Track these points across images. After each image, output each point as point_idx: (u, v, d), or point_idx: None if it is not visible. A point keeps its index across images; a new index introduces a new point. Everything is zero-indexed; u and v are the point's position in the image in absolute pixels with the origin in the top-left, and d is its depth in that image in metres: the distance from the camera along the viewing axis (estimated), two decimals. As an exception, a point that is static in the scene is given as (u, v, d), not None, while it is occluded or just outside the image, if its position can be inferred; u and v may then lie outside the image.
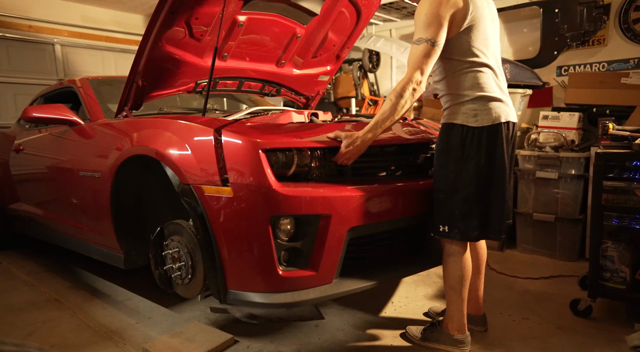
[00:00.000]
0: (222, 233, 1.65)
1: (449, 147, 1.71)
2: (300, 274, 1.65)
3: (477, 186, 1.69)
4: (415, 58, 1.60)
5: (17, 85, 5.53)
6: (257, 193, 1.58)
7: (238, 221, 1.62)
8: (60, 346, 2.02)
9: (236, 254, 1.65)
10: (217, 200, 1.64)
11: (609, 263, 2.14)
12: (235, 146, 1.63)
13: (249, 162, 1.60)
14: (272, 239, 1.59)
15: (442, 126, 1.76)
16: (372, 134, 1.68)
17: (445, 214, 1.75)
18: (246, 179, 1.59)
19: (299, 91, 3.08)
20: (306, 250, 1.66)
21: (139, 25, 6.67)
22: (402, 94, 1.59)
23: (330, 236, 1.64)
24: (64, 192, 2.64)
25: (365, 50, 6.35)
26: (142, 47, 2.12)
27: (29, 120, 2.53)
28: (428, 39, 1.58)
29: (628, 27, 3.57)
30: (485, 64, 1.70)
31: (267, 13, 2.40)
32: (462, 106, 1.69)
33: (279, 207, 1.58)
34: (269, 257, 1.61)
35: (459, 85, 1.69)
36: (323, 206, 1.63)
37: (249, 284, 1.67)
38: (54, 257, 3.43)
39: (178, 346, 1.87)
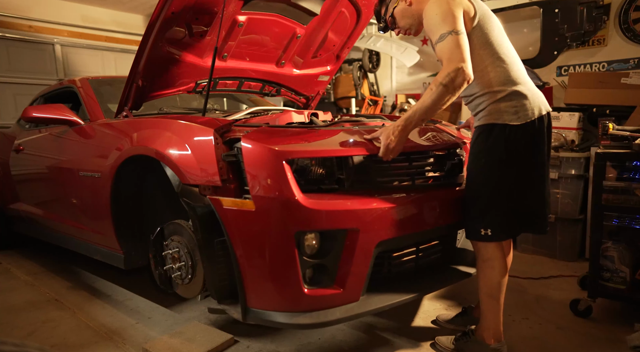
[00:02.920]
0: (242, 249, 1.56)
1: (490, 149, 1.64)
2: (326, 292, 1.57)
3: (523, 186, 1.65)
4: (447, 52, 1.51)
5: (17, 85, 5.53)
6: (282, 207, 1.48)
7: (260, 237, 1.53)
8: (60, 346, 2.02)
9: (258, 271, 1.56)
10: (236, 214, 1.54)
11: (609, 263, 2.14)
12: (257, 155, 1.53)
13: (272, 173, 1.50)
14: (297, 255, 1.51)
15: (478, 128, 1.69)
16: (410, 124, 1.58)
17: (487, 218, 1.67)
18: (269, 192, 1.49)
19: (299, 91, 3.08)
20: (332, 267, 1.57)
21: (139, 25, 6.67)
22: (444, 83, 1.49)
23: (357, 251, 1.55)
24: (64, 192, 2.64)
25: (365, 50, 6.35)
26: (142, 47, 2.12)
27: (29, 120, 2.53)
28: (449, 31, 1.52)
29: (628, 27, 3.58)
30: (507, 53, 1.66)
31: (267, 13, 2.40)
32: (500, 104, 1.62)
33: (306, 223, 1.50)
34: (294, 274, 1.52)
35: (491, 82, 1.63)
36: (351, 220, 1.54)
37: (271, 302, 1.58)
38: (54, 257, 3.43)
39: (178, 346, 1.87)
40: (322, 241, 1.57)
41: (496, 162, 1.64)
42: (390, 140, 1.60)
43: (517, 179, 1.65)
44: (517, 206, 1.67)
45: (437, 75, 1.52)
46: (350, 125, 2.03)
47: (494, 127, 1.63)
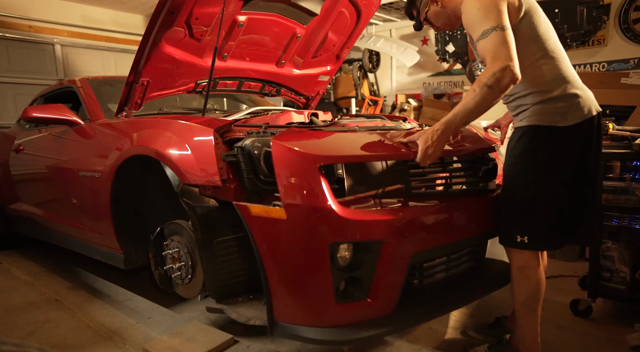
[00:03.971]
0: (270, 259, 1.48)
1: (534, 151, 1.53)
2: (359, 306, 1.49)
3: (569, 191, 1.54)
4: (491, 50, 1.39)
5: (17, 85, 5.54)
6: (316, 217, 1.40)
7: (291, 247, 1.45)
8: (60, 346, 2.02)
9: (287, 283, 1.48)
10: (266, 222, 1.46)
11: (609, 263, 2.14)
12: (288, 159, 1.44)
13: (305, 179, 1.42)
14: (330, 267, 1.43)
15: (520, 129, 1.58)
16: (450, 127, 1.47)
17: (525, 224, 1.56)
18: (302, 200, 1.40)
19: (299, 91, 3.08)
20: (365, 279, 1.48)
21: (139, 25, 6.67)
22: (489, 83, 1.37)
23: (392, 263, 1.47)
24: (64, 192, 2.64)
25: (365, 50, 6.35)
26: (142, 47, 2.12)
27: (29, 121, 2.53)
28: (493, 26, 1.40)
29: (628, 27, 3.58)
30: (556, 48, 1.54)
31: (267, 13, 2.40)
32: (547, 105, 1.51)
33: (341, 233, 1.42)
34: (326, 287, 1.44)
35: (538, 80, 1.51)
36: (387, 230, 1.45)
37: (300, 316, 1.50)
38: (54, 257, 3.43)
39: (178, 346, 1.87)
40: (355, 252, 1.49)
41: (539, 165, 1.53)
42: (429, 144, 1.49)
43: (560, 185, 1.53)
44: (558, 213, 1.55)
45: (481, 75, 1.40)
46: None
47: (539, 129, 1.52)
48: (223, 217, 1.72)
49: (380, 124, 2.12)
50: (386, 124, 2.16)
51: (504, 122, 2.05)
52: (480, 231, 1.73)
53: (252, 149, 1.63)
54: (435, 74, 6.28)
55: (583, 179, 1.57)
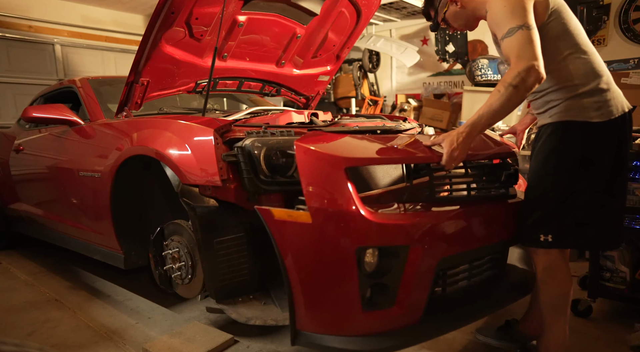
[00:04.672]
0: (294, 265, 1.43)
1: (565, 149, 1.48)
2: (385, 314, 1.44)
3: (599, 189, 1.48)
4: (516, 49, 1.37)
5: (17, 85, 5.54)
6: (343, 221, 1.36)
7: (316, 252, 1.41)
8: (60, 346, 2.02)
9: (311, 290, 1.44)
10: (290, 226, 1.41)
11: (609, 263, 2.14)
12: (314, 161, 1.41)
13: (331, 181, 1.38)
14: (357, 274, 1.38)
15: (549, 126, 1.53)
16: (475, 129, 1.45)
17: (549, 223, 1.52)
18: (329, 204, 1.36)
19: (299, 91, 3.09)
20: (392, 286, 1.43)
21: (139, 25, 6.68)
22: (514, 83, 1.34)
23: (420, 269, 1.42)
24: (64, 192, 2.64)
25: (365, 50, 6.35)
26: (142, 47, 2.12)
27: (29, 120, 2.53)
28: (519, 25, 1.38)
29: (628, 27, 3.58)
30: (587, 43, 1.50)
31: (267, 13, 2.40)
32: (580, 99, 1.46)
33: (368, 238, 1.38)
34: (353, 295, 1.40)
35: (569, 75, 1.47)
36: (415, 235, 1.41)
37: (325, 325, 1.46)
38: (54, 257, 3.43)
39: (178, 346, 1.87)
40: (382, 257, 1.44)
41: (570, 163, 1.48)
42: (454, 147, 1.45)
43: (591, 184, 1.48)
44: (592, 213, 1.50)
45: (505, 75, 1.38)
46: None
47: (571, 124, 1.47)
48: (223, 217, 1.72)
49: (381, 124, 2.12)
50: (386, 124, 2.16)
51: (519, 128, 2.01)
52: (504, 236, 1.69)
53: (252, 149, 1.63)
54: (435, 74, 6.28)
55: (618, 179, 1.51)
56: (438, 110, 5.71)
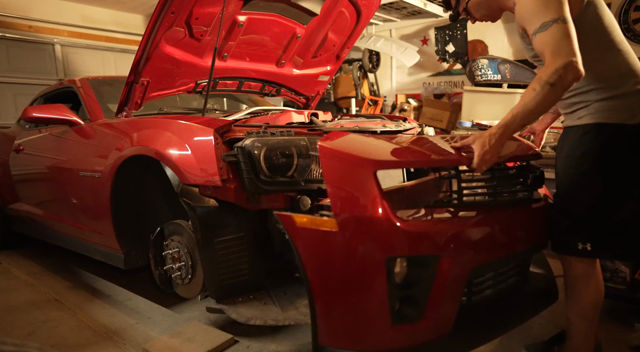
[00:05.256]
0: (318, 275, 1.34)
1: (600, 152, 1.40)
2: (415, 328, 1.36)
3: (635, 195, 1.41)
4: (552, 44, 1.28)
5: (17, 85, 5.54)
6: (373, 229, 1.28)
7: (343, 263, 1.32)
8: (60, 346, 2.02)
9: (336, 303, 1.36)
10: (313, 234, 1.32)
11: (609, 263, 2.14)
12: (340, 163, 1.33)
13: (360, 186, 1.30)
14: (386, 285, 1.30)
15: (579, 128, 1.45)
16: (508, 130, 1.37)
17: (587, 230, 1.44)
18: (357, 210, 1.28)
19: (299, 91, 3.09)
20: (422, 298, 1.35)
21: (139, 25, 6.68)
22: (550, 81, 1.26)
23: (450, 279, 1.35)
24: (64, 192, 2.64)
25: (365, 50, 6.35)
26: (142, 47, 2.12)
27: (29, 120, 2.53)
28: (554, 19, 1.29)
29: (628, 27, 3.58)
30: (621, 40, 1.42)
31: (267, 13, 2.40)
32: (614, 101, 1.38)
33: (401, 247, 1.30)
34: (382, 308, 1.32)
35: (602, 75, 1.40)
36: (447, 244, 1.34)
37: (351, 340, 1.37)
38: (54, 257, 3.43)
39: (178, 346, 1.87)
40: (412, 267, 1.36)
41: (605, 166, 1.41)
42: (486, 149, 1.37)
43: (626, 189, 1.41)
44: (623, 220, 1.42)
45: (541, 72, 1.29)
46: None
47: (605, 127, 1.39)
48: (223, 217, 1.72)
49: (381, 124, 2.12)
50: (386, 124, 2.16)
51: (538, 128, 1.95)
52: (532, 243, 1.62)
53: (252, 149, 1.63)
54: (435, 74, 6.28)
55: None
56: (438, 110, 5.71)
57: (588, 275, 1.50)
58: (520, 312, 1.65)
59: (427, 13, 5.82)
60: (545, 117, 1.93)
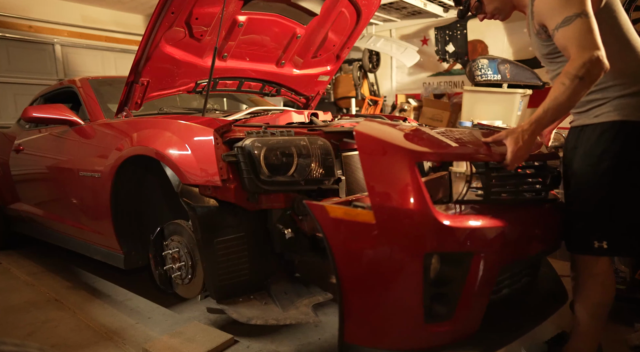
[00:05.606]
0: (350, 270, 1.28)
1: (621, 150, 1.39)
2: (445, 327, 1.32)
3: None
4: (577, 38, 1.29)
5: (17, 85, 5.54)
6: (412, 222, 1.23)
7: (377, 257, 1.26)
8: (60, 346, 2.02)
9: (367, 299, 1.30)
10: (348, 226, 1.26)
11: (609, 263, 2.14)
12: (381, 153, 1.27)
13: (400, 177, 1.24)
14: (422, 282, 1.25)
15: (597, 126, 1.44)
16: (540, 126, 1.36)
17: (604, 228, 1.44)
18: (397, 201, 1.22)
19: (299, 91, 3.09)
20: (453, 296, 1.32)
21: (139, 25, 6.67)
22: (579, 75, 1.26)
23: (482, 278, 1.31)
24: (64, 192, 2.64)
25: (365, 50, 6.35)
26: (142, 47, 2.13)
27: (29, 120, 2.53)
28: (577, 13, 1.29)
29: (628, 27, 3.57)
30: (637, 39, 1.44)
31: (267, 13, 2.40)
32: (633, 98, 1.38)
33: (439, 243, 1.26)
34: (416, 305, 1.27)
35: (621, 71, 1.39)
36: (483, 240, 1.30)
37: (380, 338, 1.32)
38: (54, 257, 3.43)
39: (178, 346, 1.87)
40: (445, 264, 1.32)
41: (625, 165, 1.40)
42: (520, 145, 1.36)
43: None
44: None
45: (568, 66, 1.30)
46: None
47: (625, 124, 1.39)
48: (223, 217, 1.72)
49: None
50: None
51: (545, 130, 1.92)
52: (551, 242, 1.61)
53: (252, 149, 1.63)
54: (435, 74, 6.28)
55: None
56: (438, 110, 5.71)
57: (602, 274, 1.49)
58: (535, 313, 1.63)
59: (427, 13, 5.82)
60: None
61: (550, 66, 1.57)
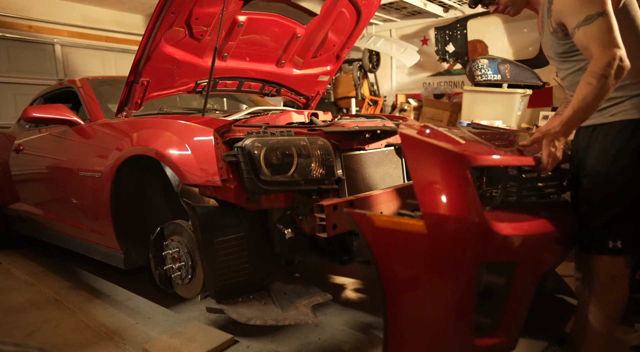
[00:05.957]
0: (397, 282, 1.20)
1: (635, 149, 1.40)
2: (490, 341, 1.26)
3: None
4: (599, 37, 1.30)
5: (17, 85, 5.54)
6: (467, 231, 1.16)
7: (428, 269, 1.19)
8: (60, 346, 2.02)
9: (415, 313, 1.22)
10: (396, 237, 1.18)
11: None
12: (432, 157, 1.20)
13: (454, 184, 1.17)
14: (474, 295, 1.19)
15: (613, 125, 1.44)
16: (571, 127, 1.37)
17: (618, 228, 1.43)
18: (450, 209, 1.15)
19: (299, 91, 3.09)
20: (498, 308, 1.27)
21: (139, 25, 6.67)
22: (605, 74, 1.28)
23: (526, 287, 1.27)
24: (64, 192, 2.64)
25: (365, 50, 6.35)
26: (142, 47, 2.13)
27: (29, 120, 2.53)
28: (599, 12, 1.31)
29: (628, 27, 3.57)
30: None
31: (267, 13, 2.40)
32: None
33: (493, 252, 1.19)
34: (467, 319, 1.20)
35: (636, 71, 1.39)
36: (529, 247, 1.26)
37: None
38: (54, 257, 3.43)
39: (178, 346, 1.87)
40: (493, 274, 1.27)
41: None
42: (556, 148, 1.35)
43: None
44: None
45: (593, 66, 1.31)
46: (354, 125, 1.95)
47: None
48: (223, 217, 1.72)
49: (381, 124, 2.12)
50: (386, 124, 2.16)
51: None
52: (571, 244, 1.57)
53: (252, 149, 1.63)
54: (435, 74, 6.28)
55: None
56: (438, 110, 5.71)
57: (621, 274, 1.48)
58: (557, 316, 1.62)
59: (427, 13, 5.82)
60: (554, 120, 1.91)
61: (563, 65, 1.57)
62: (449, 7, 5.73)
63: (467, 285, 1.18)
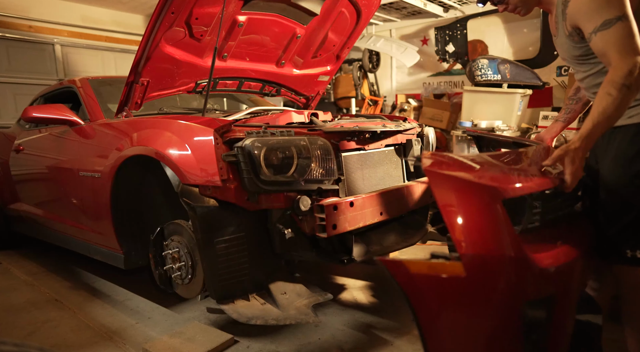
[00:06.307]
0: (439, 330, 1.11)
1: None
2: None
3: None
4: (618, 43, 1.23)
5: (17, 85, 5.54)
6: (508, 269, 1.08)
7: (471, 313, 1.10)
8: (60, 346, 2.02)
9: None
10: (434, 282, 1.09)
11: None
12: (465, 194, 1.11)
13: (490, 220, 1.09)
14: (522, 334, 1.11)
15: (629, 127, 1.38)
16: (592, 141, 1.29)
17: (637, 236, 1.36)
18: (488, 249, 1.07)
19: (299, 91, 3.09)
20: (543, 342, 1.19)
21: (139, 25, 6.67)
22: (627, 83, 1.21)
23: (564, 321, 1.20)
24: (64, 192, 2.64)
25: (365, 50, 6.35)
26: (142, 47, 2.13)
27: (29, 120, 2.53)
28: (618, 16, 1.23)
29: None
30: None
31: (267, 13, 2.40)
32: None
33: (538, 288, 1.12)
34: None
35: None
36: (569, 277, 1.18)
37: None
38: (54, 257, 3.43)
39: (178, 346, 1.87)
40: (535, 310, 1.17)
41: None
42: (577, 166, 1.27)
43: None
44: None
45: (613, 75, 1.24)
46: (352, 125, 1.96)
47: None
48: (223, 217, 1.72)
49: (380, 124, 2.12)
50: (386, 124, 2.16)
51: (548, 136, 1.91)
52: None
53: (252, 149, 1.63)
54: (435, 74, 6.28)
55: None
56: (438, 110, 5.71)
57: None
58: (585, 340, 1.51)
59: (427, 13, 5.82)
60: (555, 126, 1.90)
61: (581, 68, 1.51)
62: (449, 7, 5.73)
63: (513, 325, 1.11)
